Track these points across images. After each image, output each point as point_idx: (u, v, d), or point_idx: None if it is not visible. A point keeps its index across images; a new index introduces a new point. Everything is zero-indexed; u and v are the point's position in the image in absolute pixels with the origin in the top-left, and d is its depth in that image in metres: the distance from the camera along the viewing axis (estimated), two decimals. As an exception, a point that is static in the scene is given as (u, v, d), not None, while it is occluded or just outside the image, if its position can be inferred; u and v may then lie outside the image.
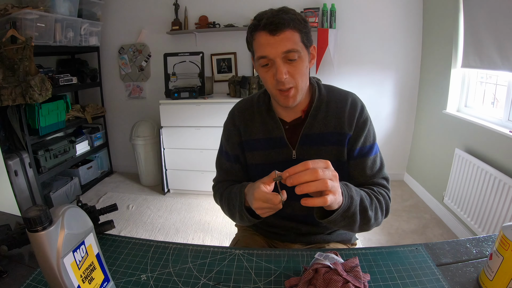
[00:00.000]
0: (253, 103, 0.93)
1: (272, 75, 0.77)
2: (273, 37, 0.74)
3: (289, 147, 0.86)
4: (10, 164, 2.06)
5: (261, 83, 2.53)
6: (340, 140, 0.85)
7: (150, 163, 2.98)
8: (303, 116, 0.87)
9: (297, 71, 0.77)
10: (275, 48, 0.74)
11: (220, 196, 0.93)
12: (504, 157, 1.69)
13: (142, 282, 0.63)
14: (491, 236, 0.75)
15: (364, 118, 0.86)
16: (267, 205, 0.66)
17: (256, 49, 0.78)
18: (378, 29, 2.66)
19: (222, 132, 0.98)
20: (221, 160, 0.98)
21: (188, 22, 2.84)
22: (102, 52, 3.08)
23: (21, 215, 0.63)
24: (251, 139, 0.90)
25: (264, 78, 0.80)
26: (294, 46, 0.75)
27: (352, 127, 0.84)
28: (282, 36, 0.74)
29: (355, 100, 0.87)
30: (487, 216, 1.74)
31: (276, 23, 0.73)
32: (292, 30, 0.75)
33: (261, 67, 0.79)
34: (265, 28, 0.75)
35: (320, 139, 0.85)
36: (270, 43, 0.75)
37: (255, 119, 0.91)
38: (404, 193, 2.75)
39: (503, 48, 1.69)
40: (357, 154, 0.85)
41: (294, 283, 0.60)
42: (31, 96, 2.04)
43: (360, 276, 0.59)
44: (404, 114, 2.86)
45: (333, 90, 0.90)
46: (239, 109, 0.95)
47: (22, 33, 2.10)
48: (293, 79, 0.77)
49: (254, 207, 0.68)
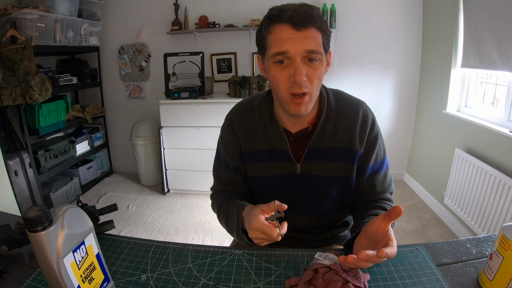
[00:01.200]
0: (254, 108, 0.83)
1: (287, 76, 0.68)
2: (297, 32, 0.65)
3: (294, 161, 0.79)
4: (10, 164, 2.06)
5: (261, 83, 2.52)
6: (349, 157, 0.79)
7: (150, 163, 2.98)
8: (310, 128, 0.79)
9: (315, 75, 0.69)
10: (297, 44, 0.65)
11: (218, 210, 0.87)
12: (504, 157, 1.69)
13: (142, 282, 0.63)
14: (491, 236, 0.75)
15: (376, 133, 0.80)
16: (264, 237, 0.63)
17: (273, 43, 0.68)
18: (378, 29, 2.66)
19: (220, 138, 0.90)
20: (219, 170, 0.90)
21: (188, 22, 2.84)
22: (102, 52, 3.08)
23: (21, 215, 0.63)
24: (252, 150, 0.82)
25: (276, 78, 0.70)
26: (318, 47, 0.67)
27: (363, 144, 0.78)
28: (307, 32, 0.65)
29: (366, 112, 0.80)
30: (487, 216, 1.74)
31: (303, 17, 0.65)
32: (317, 29, 0.67)
33: (274, 64, 0.69)
34: (290, 20, 0.65)
35: (328, 154, 0.78)
36: (293, 38, 0.65)
37: (256, 127, 0.82)
38: (404, 193, 2.75)
39: (503, 48, 1.69)
40: (369, 173, 0.81)
41: (294, 283, 0.60)
42: (31, 96, 2.04)
43: (360, 276, 0.59)
44: (404, 114, 2.86)
45: (343, 98, 0.82)
46: (238, 115, 0.85)
47: (22, 33, 2.10)
48: (309, 84, 0.69)
49: (251, 236, 0.65)
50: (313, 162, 0.79)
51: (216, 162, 0.92)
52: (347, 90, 0.89)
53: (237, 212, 0.75)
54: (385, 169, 0.83)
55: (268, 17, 0.69)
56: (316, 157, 0.79)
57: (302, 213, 0.86)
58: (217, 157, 0.91)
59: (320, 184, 0.81)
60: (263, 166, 0.82)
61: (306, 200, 0.84)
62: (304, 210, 0.85)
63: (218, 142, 0.90)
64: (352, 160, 0.79)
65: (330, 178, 0.80)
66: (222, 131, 0.89)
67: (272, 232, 0.62)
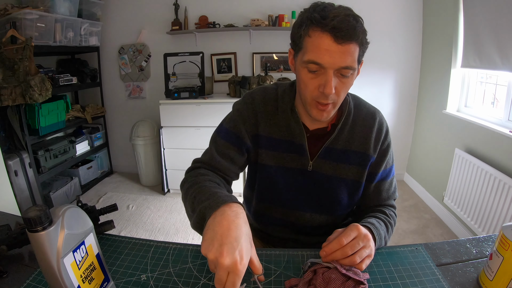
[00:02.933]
0: (278, 96, 0.81)
1: (317, 84, 0.67)
2: (336, 46, 0.63)
3: (308, 157, 0.80)
4: (10, 164, 2.06)
5: (261, 83, 2.52)
6: (362, 161, 0.80)
7: (150, 163, 2.98)
8: (329, 128, 0.79)
9: (344, 89, 0.69)
10: (334, 59, 0.63)
11: (194, 179, 0.74)
12: (504, 157, 1.69)
13: (142, 282, 0.63)
14: (491, 236, 0.75)
15: (389, 141, 0.82)
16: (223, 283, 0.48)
17: (310, 50, 0.65)
18: (378, 29, 2.66)
19: (231, 114, 0.83)
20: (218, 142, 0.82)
21: (188, 22, 2.84)
22: (102, 52, 3.08)
23: (21, 215, 0.63)
24: (271, 137, 0.80)
25: (305, 83, 0.69)
26: (353, 63, 0.65)
27: (377, 150, 0.80)
28: (346, 47, 0.63)
29: (382, 120, 0.82)
30: (487, 216, 1.74)
31: (346, 31, 0.62)
32: (356, 43, 0.64)
33: (307, 71, 0.67)
34: (332, 31, 0.62)
35: (343, 156, 0.79)
36: (331, 51, 0.63)
37: (279, 116, 0.80)
38: (404, 193, 2.75)
39: (503, 48, 1.69)
40: (379, 179, 0.83)
41: (295, 283, 0.60)
42: (31, 96, 2.04)
43: (359, 274, 0.59)
44: (404, 114, 2.86)
45: (361, 104, 0.83)
46: (262, 97, 0.81)
47: (22, 33, 2.10)
48: (336, 96, 0.69)
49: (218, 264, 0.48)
50: (326, 162, 0.80)
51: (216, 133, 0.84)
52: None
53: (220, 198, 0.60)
54: (392, 176, 0.85)
55: (310, 17, 0.65)
56: (330, 157, 0.80)
57: (305, 210, 0.86)
58: (221, 129, 0.83)
59: (329, 184, 0.82)
60: (277, 156, 0.81)
61: (312, 198, 0.85)
62: (308, 207, 0.86)
63: (232, 114, 0.83)
64: (365, 164, 0.80)
65: (340, 180, 0.81)
66: (237, 108, 0.82)
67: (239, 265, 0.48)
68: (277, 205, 0.88)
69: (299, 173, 0.82)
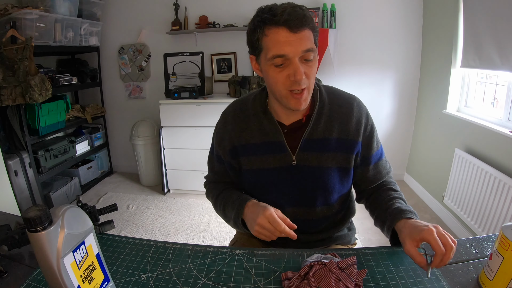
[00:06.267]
0: (248, 105, 0.86)
1: (286, 76, 0.71)
2: (293, 35, 0.68)
3: (289, 153, 0.81)
4: (10, 164, 2.06)
5: (262, 82, 2.52)
6: (347, 147, 0.81)
7: (150, 163, 2.98)
8: (304, 119, 0.82)
9: (311, 72, 0.72)
10: (295, 47, 0.68)
11: (214, 199, 0.92)
12: (504, 157, 1.69)
13: (142, 282, 0.63)
14: (491, 236, 0.75)
15: (371, 122, 0.85)
16: (271, 227, 0.68)
17: (270, 47, 0.70)
18: (378, 29, 2.66)
19: (214, 133, 0.93)
20: (213, 162, 0.95)
21: (188, 22, 2.84)
22: (102, 52, 3.08)
23: (21, 215, 0.63)
24: (247, 144, 0.84)
25: (275, 79, 0.73)
26: (312, 45, 0.70)
27: (360, 133, 0.81)
28: (302, 34, 0.68)
29: (359, 104, 0.84)
30: (487, 216, 1.74)
31: (298, 20, 0.67)
32: (309, 29, 0.70)
33: (273, 66, 0.72)
34: (286, 24, 0.67)
35: (323, 145, 0.81)
36: (290, 41, 0.68)
37: (251, 122, 0.84)
38: (404, 193, 2.70)
39: (503, 48, 1.69)
40: (375, 160, 0.85)
41: (290, 276, 0.61)
42: (31, 96, 2.04)
43: (354, 275, 0.59)
44: (404, 114, 2.86)
45: (335, 92, 0.86)
46: (233, 111, 0.89)
47: (22, 33, 2.10)
48: (307, 80, 0.72)
49: (258, 222, 0.70)
50: (308, 153, 0.81)
51: (210, 154, 0.96)
52: (347, 90, 0.90)
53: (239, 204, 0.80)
54: (384, 154, 0.90)
55: (261, 20, 0.71)
56: (312, 148, 0.81)
57: (299, 205, 0.87)
58: (212, 150, 0.95)
59: (316, 175, 0.83)
60: (258, 159, 0.84)
61: (302, 192, 0.85)
62: (301, 202, 0.86)
63: (213, 136, 0.94)
64: (350, 149, 0.82)
65: (327, 169, 0.82)
66: (216, 127, 0.93)
67: (279, 224, 0.67)
68: None
69: (284, 170, 0.83)
